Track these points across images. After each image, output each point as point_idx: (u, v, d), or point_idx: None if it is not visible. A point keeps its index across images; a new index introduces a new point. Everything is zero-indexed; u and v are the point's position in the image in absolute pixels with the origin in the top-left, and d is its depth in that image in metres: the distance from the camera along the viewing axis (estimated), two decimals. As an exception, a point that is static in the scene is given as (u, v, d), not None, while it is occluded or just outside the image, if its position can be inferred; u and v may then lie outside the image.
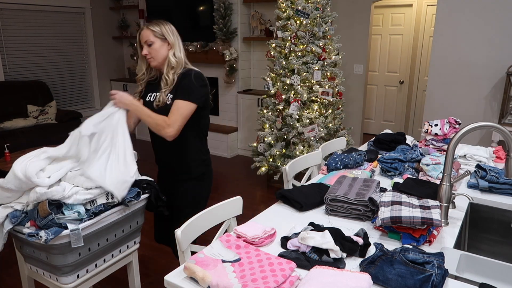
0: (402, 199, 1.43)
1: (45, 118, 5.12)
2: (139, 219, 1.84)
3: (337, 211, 1.53)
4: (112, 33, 6.62)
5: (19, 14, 5.33)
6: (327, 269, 1.08)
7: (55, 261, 1.51)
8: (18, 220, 1.51)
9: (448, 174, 1.46)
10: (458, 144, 1.44)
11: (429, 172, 1.86)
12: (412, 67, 5.80)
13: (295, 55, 3.68)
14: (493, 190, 1.78)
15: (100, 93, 6.59)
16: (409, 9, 5.62)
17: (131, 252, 1.88)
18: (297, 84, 3.66)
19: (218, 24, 5.05)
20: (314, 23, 3.66)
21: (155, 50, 1.88)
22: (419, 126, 5.78)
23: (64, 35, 5.91)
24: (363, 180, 1.65)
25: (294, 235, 1.29)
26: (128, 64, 6.72)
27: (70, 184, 1.54)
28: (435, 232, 1.35)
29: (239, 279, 1.07)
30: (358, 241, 1.23)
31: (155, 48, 1.87)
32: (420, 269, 1.05)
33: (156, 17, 6.50)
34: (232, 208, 1.59)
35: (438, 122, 2.34)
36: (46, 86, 5.42)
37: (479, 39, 3.66)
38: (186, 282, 1.12)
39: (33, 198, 1.46)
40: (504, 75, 3.55)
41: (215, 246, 1.25)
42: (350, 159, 2.02)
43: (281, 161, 3.84)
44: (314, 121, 3.66)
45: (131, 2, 6.33)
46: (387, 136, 2.37)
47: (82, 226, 1.51)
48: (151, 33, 1.87)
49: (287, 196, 1.64)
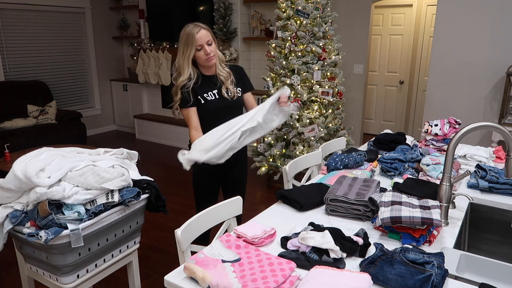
0: (402, 199, 1.43)
1: (45, 118, 5.12)
2: (139, 219, 1.84)
3: (337, 211, 1.53)
4: (112, 33, 6.62)
5: (19, 14, 5.33)
6: (327, 269, 1.08)
7: (55, 261, 1.51)
8: (18, 220, 1.51)
9: (448, 174, 1.46)
10: (458, 144, 1.44)
11: (429, 172, 1.86)
12: (412, 67, 5.80)
13: (295, 55, 3.68)
14: (493, 190, 1.78)
15: (100, 93, 6.60)
16: (409, 9, 5.62)
17: (131, 252, 1.88)
18: (297, 84, 3.66)
19: (218, 24, 5.05)
20: (314, 23, 3.66)
21: (215, 49, 1.96)
22: (419, 126, 5.78)
23: (64, 35, 5.92)
24: (363, 180, 1.65)
25: (294, 235, 1.29)
26: (128, 64, 6.73)
27: (70, 184, 1.54)
28: (435, 232, 1.35)
29: (239, 279, 1.07)
30: (358, 241, 1.23)
31: (214, 47, 1.96)
32: (420, 269, 1.05)
33: (156, 17, 6.46)
34: (232, 208, 1.59)
35: (438, 122, 2.34)
36: (46, 86, 5.42)
37: (479, 39, 3.66)
38: (186, 282, 1.12)
39: (33, 198, 1.46)
40: (504, 75, 3.55)
41: (215, 246, 1.25)
42: (350, 159, 2.02)
43: (281, 161, 3.84)
44: (314, 121, 3.66)
45: (131, 2, 6.33)
46: (387, 136, 2.37)
47: (82, 226, 1.51)
48: (209, 32, 1.94)
49: (287, 196, 1.64)
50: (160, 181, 4.20)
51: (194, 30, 1.89)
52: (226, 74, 2.03)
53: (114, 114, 6.90)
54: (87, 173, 1.58)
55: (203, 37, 1.90)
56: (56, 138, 4.86)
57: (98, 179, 1.59)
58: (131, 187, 1.73)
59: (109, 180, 1.62)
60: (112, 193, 1.64)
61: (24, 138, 4.60)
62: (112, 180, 1.64)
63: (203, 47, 1.91)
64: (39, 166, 1.52)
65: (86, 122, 5.75)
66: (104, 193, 1.62)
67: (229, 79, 2.03)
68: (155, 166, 4.92)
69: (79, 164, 1.60)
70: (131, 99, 6.55)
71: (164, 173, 4.68)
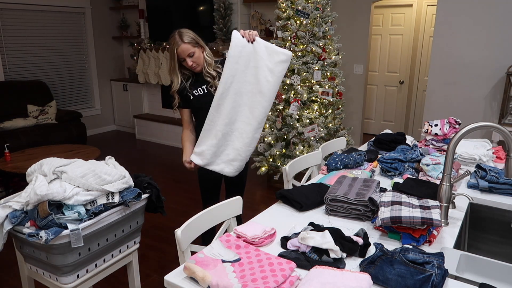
0: (402, 199, 1.43)
1: (45, 118, 5.12)
2: (139, 219, 1.84)
3: (337, 211, 1.53)
4: (112, 33, 6.62)
5: (19, 14, 5.33)
6: (327, 269, 1.08)
7: (55, 261, 1.51)
8: (18, 220, 1.51)
9: (448, 174, 1.46)
10: (458, 144, 1.44)
11: (429, 172, 1.86)
12: (412, 67, 5.80)
13: (295, 55, 3.68)
14: (493, 190, 1.78)
15: (100, 93, 6.60)
16: (409, 9, 5.62)
17: (131, 252, 1.88)
18: (297, 84, 3.66)
19: (218, 24, 5.05)
20: (314, 23, 3.66)
21: (197, 58, 2.08)
22: (419, 126, 5.78)
23: (64, 35, 5.92)
24: (363, 180, 1.65)
25: (294, 235, 1.29)
26: (128, 64, 6.73)
27: (71, 185, 1.54)
28: (435, 232, 1.35)
29: (239, 279, 1.07)
30: (358, 241, 1.23)
31: (197, 56, 2.07)
32: (420, 269, 1.05)
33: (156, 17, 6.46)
34: (232, 208, 1.59)
35: (438, 122, 2.34)
36: (46, 86, 5.42)
37: (479, 39, 3.66)
38: (186, 282, 1.12)
39: (34, 200, 1.46)
40: (504, 75, 3.55)
41: (215, 246, 1.25)
42: (350, 159, 2.01)
43: (281, 161, 3.84)
44: (314, 121, 3.66)
45: (131, 2, 6.33)
46: (387, 136, 2.37)
47: (82, 226, 1.51)
48: (189, 45, 2.04)
49: (287, 196, 1.64)
50: (160, 181, 4.20)
51: (175, 46, 2.03)
52: (211, 76, 2.13)
53: (114, 114, 6.90)
54: (88, 175, 1.58)
55: (184, 51, 2.04)
56: (56, 138, 4.86)
57: (99, 181, 1.59)
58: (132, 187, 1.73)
59: (110, 182, 1.63)
60: (113, 194, 1.64)
61: (24, 138, 4.60)
62: (113, 182, 1.64)
63: (185, 59, 2.06)
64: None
65: (86, 122, 5.76)
66: (105, 194, 1.62)
67: (215, 80, 2.13)
68: (155, 166, 4.91)
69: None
70: (131, 99, 6.55)
71: (164, 173, 4.68)
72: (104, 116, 6.74)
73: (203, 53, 2.11)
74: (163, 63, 5.66)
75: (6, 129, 4.67)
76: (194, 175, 2.46)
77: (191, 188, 4.17)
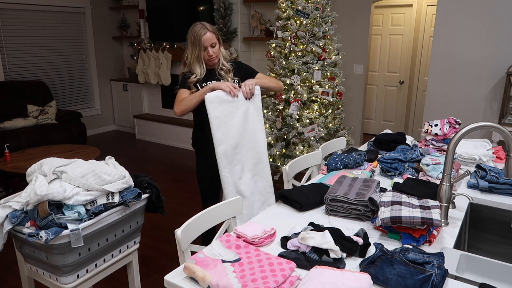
0: (402, 199, 1.43)
1: (45, 118, 5.12)
2: (139, 219, 1.84)
3: (337, 211, 1.53)
4: (112, 33, 6.62)
5: (19, 14, 5.33)
6: (327, 269, 1.08)
7: (55, 261, 1.51)
8: (18, 220, 1.51)
9: (448, 174, 1.46)
10: (458, 144, 1.44)
11: (429, 172, 1.86)
12: (412, 67, 5.80)
13: (295, 55, 3.68)
14: (493, 190, 1.78)
15: (100, 93, 6.60)
16: (409, 9, 5.62)
17: (131, 252, 1.88)
18: (297, 84, 3.65)
19: (218, 24, 5.05)
20: (314, 23, 3.66)
21: (217, 50, 2.13)
22: (419, 126, 5.78)
23: (64, 35, 5.92)
24: (363, 180, 1.65)
25: (294, 235, 1.29)
26: (128, 64, 6.73)
27: (71, 185, 1.54)
28: (435, 232, 1.35)
29: (239, 279, 1.07)
30: (358, 241, 1.23)
31: (217, 48, 2.13)
32: (420, 269, 1.05)
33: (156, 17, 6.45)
34: (232, 208, 1.59)
35: (438, 122, 2.34)
36: (46, 86, 5.42)
37: (479, 39, 3.65)
38: (186, 282, 1.12)
39: (34, 200, 1.46)
40: (504, 75, 3.55)
41: (215, 246, 1.25)
42: (350, 159, 2.01)
43: (281, 161, 3.84)
44: (314, 121, 3.66)
45: (131, 2, 6.33)
46: (387, 136, 2.37)
47: (82, 226, 1.51)
48: (214, 35, 2.10)
49: (287, 196, 1.64)
50: (160, 181, 4.20)
51: (200, 32, 2.06)
52: (227, 69, 2.19)
53: (114, 114, 6.90)
54: (88, 175, 1.58)
55: (208, 40, 2.07)
56: (56, 138, 4.86)
57: (99, 181, 1.59)
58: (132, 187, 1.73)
59: (110, 182, 1.63)
60: (113, 194, 1.64)
61: (24, 138, 4.60)
62: (113, 183, 1.64)
63: (207, 48, 2.09)
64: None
65: (86, 122, 5.75)
66: (105, 194, 1.62)
67: (228, 73, 2.18)
68: (155, 166, 4.91)
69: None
70: (131, 99, 6.55)
71: (164, 173, 4.68)
72: (104, 116, 6.74)
73: (220, 47, 2.17)
74: (163, 63, 5.65)
75: (6, 129, 4.68)
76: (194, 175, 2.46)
77: (191, 188, 4.17)
